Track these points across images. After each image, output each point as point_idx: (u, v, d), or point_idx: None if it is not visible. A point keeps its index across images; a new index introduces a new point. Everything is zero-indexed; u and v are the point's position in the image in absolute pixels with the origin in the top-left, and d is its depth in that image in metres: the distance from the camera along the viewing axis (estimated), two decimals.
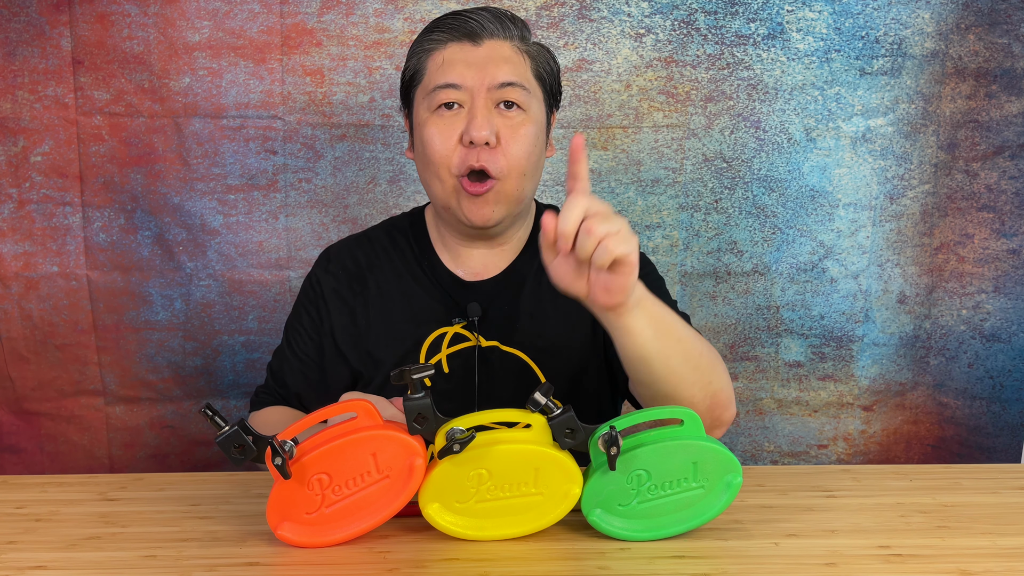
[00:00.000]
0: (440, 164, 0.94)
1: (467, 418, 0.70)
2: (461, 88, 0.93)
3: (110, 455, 1.50)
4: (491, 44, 0.94)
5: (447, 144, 0.93)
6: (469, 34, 0.94)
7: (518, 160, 0.94)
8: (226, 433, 0.67)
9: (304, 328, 1.06)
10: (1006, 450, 1.49)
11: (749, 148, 1.46)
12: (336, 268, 1.06)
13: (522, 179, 0.95)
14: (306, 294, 1.08)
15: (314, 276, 1.08)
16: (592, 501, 0.72)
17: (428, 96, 0.95)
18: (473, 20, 0.94)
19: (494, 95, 0.93)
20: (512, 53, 0.95)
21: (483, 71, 0.93)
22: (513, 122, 0.94)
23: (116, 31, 1.38)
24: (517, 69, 0.94)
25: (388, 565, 0.67)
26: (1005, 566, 0.67)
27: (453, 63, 0.94)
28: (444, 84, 0.93)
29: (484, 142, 0.91)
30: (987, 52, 1.42)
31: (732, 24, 1.42)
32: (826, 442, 1.55)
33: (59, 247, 1.43)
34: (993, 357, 1.49)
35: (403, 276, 1.04)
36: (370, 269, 1.05)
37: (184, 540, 0.72)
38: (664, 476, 0.71)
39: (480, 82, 0.92)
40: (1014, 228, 1.46)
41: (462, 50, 0.94)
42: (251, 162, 1.42)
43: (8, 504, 0.81)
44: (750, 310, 1.50)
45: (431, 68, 0.95)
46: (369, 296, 1.04)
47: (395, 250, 1.06)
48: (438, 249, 1.05)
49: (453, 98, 0.93)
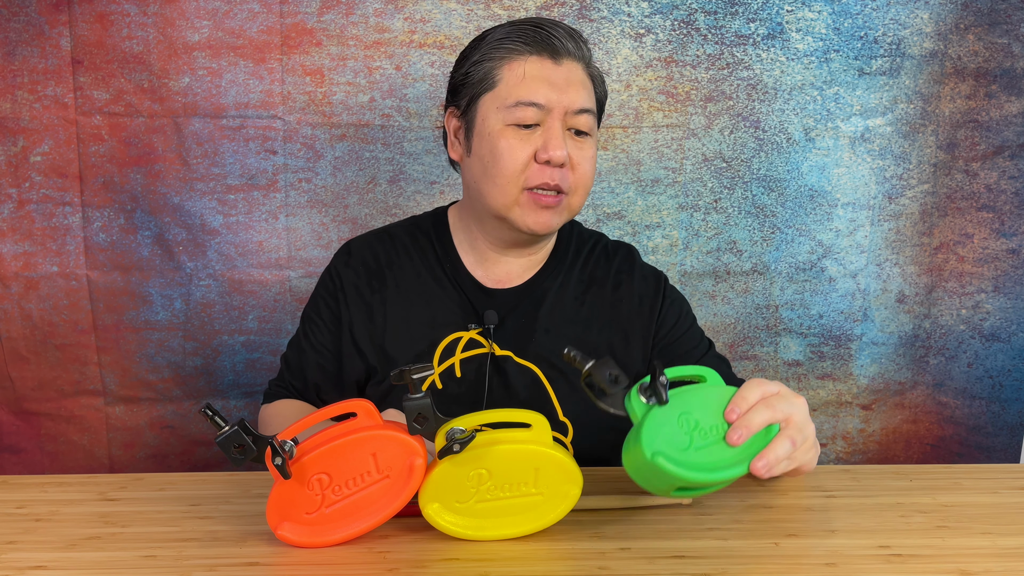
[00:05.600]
0: (511, 178, 0.95)
1: (467, 418, 0.70)
2: (543, 108, 0.94)
3: (110, 455, 1.50)
4: (569, 65, 0.96)
5: (521, 159, 0.94)
6: (551, 51, 0.95)
7: (585, 179, 0.97)
8: (226, 433, 0.67)
9: (323, 320, 1.06)
10: (1005, 450, 1.49)
11: (748, 148, 1.46)
12: (356, 263, 1.06)
13: (585, 195, 0.99)
14: (325, 286, 1.07)
15: (333, 269, 1.07)
16: (651, 448, 0.68)
17: (507, 109, 0.95)
18: (554, 36, 0.95)
19: (569, 120, 0.95)
20: (584, 76, 0.97)
21: (564, 94, 0.94)
22: (582, 146, 0.97)
23: (116, 31, 1.38)
24: (589, 95, 0.97)
25: (388, 565, 0.67)
26: (1005, 566, 0.67)
27: (536, 80, 0.94)
28: (528, 102, 0.94)
29: (560, 163, 0.94)
30: (987, 52, 1.42)
31: (732, 24, 1.42)
32: (825, 441, 1.55)
33: (59, 247, 1.43)
34: (992, 357, 1.49)
35: (423, 276, 1.04)
36: (390, 266, 1.05)
37: (184, 540, 0.72)
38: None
39: (560, 105, 0.94)
40: (1014, 228, 1.46)
41: (543, 67, 0.95)
42: (251, 162, 1.42)
43: (8, 504, 0.81)
44: (749, 309, 1.50)
45: (509, 78, 0.95)
46: (387, 293, 1.03)
47: (416, 249, 1.06)
48: (462, 252, 1.05)
49: (533, 119, 0.94)
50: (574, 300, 1.03)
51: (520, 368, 1.00)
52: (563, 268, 1.05)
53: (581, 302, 1.04)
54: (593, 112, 0.98)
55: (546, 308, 1.02)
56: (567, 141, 0.95)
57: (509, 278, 1.04)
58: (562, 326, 1.02)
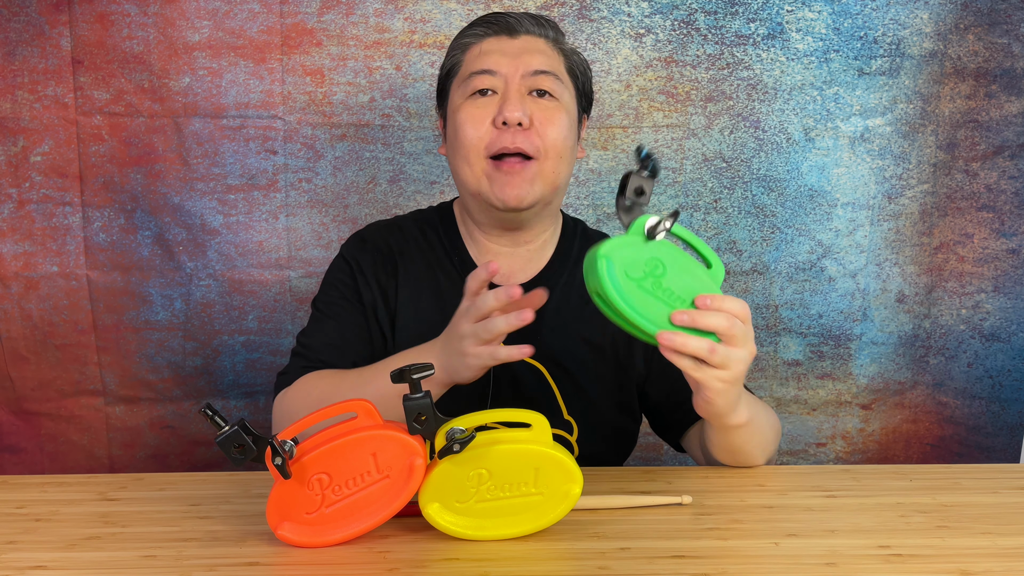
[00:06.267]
0: (471, 147, 0.95)
1: (467, 418, 0.70)
2: (496, 74, 0.95)
3: (110, 455, 1.50)
4: (527, 38, 0.98)
5: (480, 127, 0.95)
6: (506, 28, 0.98)
7: (554, 143, 0.95)
8: (226, 433, 0.67)
9: (345, 298, 1.02)
10: (1005, 450, 1.49)
11: (748, 148, 1.46)
12: (371, 248, 1.05)
13: (559, 161, 0.96)
14: (340, 270, 1.05)
15: (348, 254, 1.05)
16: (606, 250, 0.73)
17: (463, 83, 0.97)
18: (511, 17, 0.98)
19: (528, 82, 0.95)
20: (546, 47, 0.99)
21: (518, 59, 0.96)
22: (546, 107, 0.96)
23: (116, 31, 1.38)
24: (551, 60, 0.98)
25: (388, 565, 0.67)
26: (1005, 566, 0.67)
27: (489, 52, 0.97)
28: (479, 70, 0.96)
29: (517, 122, 0.93)
30: (987, 52, 1.42)
31: (732, 24, 1.43)
32: (825, 440, 1.55)
33: (59, 247, 1.43)
34: (992, 357, 1.49)
35: (433, 268, 1.04)
36: (401, 255, 1.04)
37: (184, 540, 0.72)
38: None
39: (514, 69, 0.95)
40: (1014, 228, 1.46)
41: (499, 42, 0.98)
42: (251, 162, 1.42)
43: (8, 504, 0.81)
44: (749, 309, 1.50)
45: (468, 59, 0.98)
46: (399, 281, 1.03)
47: (425, 241, 1.06)
48: (468, 246, 1.05)
49: (487, 84, 0.95)
50: (579, 298, 1.03)
51: (526, 366, 1.00)
52: (568, 266, 1.05)
53: (586, 300, 1.04)
54: (557, 76, 0.97)
55: (551, 306, 1.02)
56: (528, 103, 0.95)
57: (514, 274, 1.03)
58: (568, 324, 1.02)
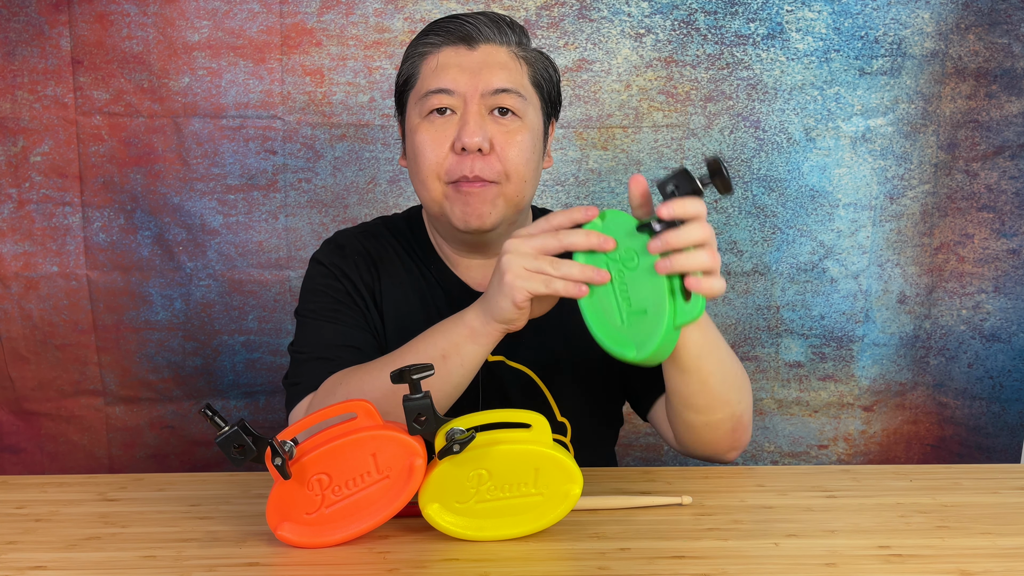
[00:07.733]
0: (429, 172, 0.91)
1: (467, 418, 0.70)
2: (454, 93, 0.90)
3: (110, 455, 1.50)
4: (486, 49, 0.92)
5: (438, 151, 0.90)
6: (464, 38, 0.92)
7: (516, 165, 0.91)
8: (226, 433, 0.67)
9: (339, 300, 0.97)
10: (1006, 450, 1.49)
11: (749, 148, 1.46)
12: (351, 253, 1.01)
13: (523, 184, 0.92)
14: (324, 275, 1.00)
15: (326, 260, 1.00)
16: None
17: (420, 101, 0.92)
18: (469, 24, 0.92)
19: (488, 101, 0.90)
20: (508, 59, 0.93)
21: (477, 76, 0.90)
22: (507, 128, 0.91)
23: (115, 31, 1.38)
24: (513, 75, 0.92)
25: (388, 565, 0.67)
26: (1005, 566, 0.67)
27: (447, 67, 0.91)
28: (436, 89, 0.90)
29: (476, 148, 0.88)
30: (987, 52, 1.42)
31: (732, 24, 1.42)
32: (826, 442, 1.55)
33: (59, 247, 1.43)
34: (993, 357, 1.49)
35: (413, 274, 1.00)
36: (381, 260, 1.01)
37: (184, 540, 0.72)
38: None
39: (473, 88, 0.90)
40: (1014, 228, 1.46)
41: (456, 54, 0.92)
42: (251, 162, 1.42)
43: (8, 504, 0.81)
44: (750, 310, 1.50)
45: (424, 72, 0.93)
46: (383, 286, 1.00)
47: (401, 247, 1.02)
48: (440, 254, 1.02)
49: (445, 103, 0.90)
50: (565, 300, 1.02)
51: (513, 372, 0.98)
52: None
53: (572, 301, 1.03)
54: (520, 93, 0.92)
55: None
56: (489, 124, 0.90)
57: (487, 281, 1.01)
58: (554, 327, 1.00)
